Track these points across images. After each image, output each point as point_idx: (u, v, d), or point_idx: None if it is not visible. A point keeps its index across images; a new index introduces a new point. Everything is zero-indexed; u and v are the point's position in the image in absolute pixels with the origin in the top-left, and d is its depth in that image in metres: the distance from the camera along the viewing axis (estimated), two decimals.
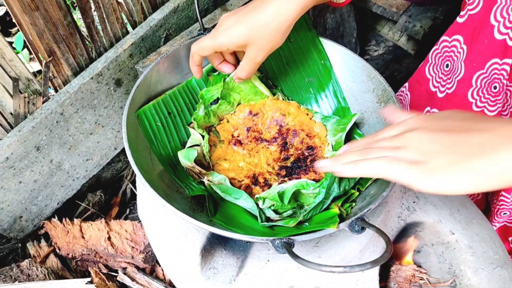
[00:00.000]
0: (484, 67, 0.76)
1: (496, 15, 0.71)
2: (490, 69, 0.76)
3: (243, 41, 0.63)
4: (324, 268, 0.46)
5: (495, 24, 0.72)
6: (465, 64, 0.79)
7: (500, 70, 0.74)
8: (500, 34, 0.72)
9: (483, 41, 0.75)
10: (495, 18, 0.72)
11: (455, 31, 0.81)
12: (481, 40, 0.75)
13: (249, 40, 0.63)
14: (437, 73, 0.87)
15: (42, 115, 0.82)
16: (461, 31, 0.79)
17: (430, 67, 0.89)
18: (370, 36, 1.55)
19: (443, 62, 0.86)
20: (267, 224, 0.62)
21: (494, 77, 0.76)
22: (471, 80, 0.79)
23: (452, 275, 0.73)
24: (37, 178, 0.87)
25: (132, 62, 0.91)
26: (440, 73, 0.86)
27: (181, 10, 0.96)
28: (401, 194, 0.74)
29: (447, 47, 0.83)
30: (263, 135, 0.75)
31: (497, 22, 0.71)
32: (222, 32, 0.64)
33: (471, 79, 0.79)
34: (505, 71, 0.73)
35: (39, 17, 0.75)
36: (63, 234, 0.89)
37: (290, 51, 0.79)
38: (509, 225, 0.84)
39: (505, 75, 0.73)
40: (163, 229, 0.71)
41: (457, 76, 0.81)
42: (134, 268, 0.87)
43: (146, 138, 0.68)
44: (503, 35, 0.72)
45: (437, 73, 0.87)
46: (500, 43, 0.72)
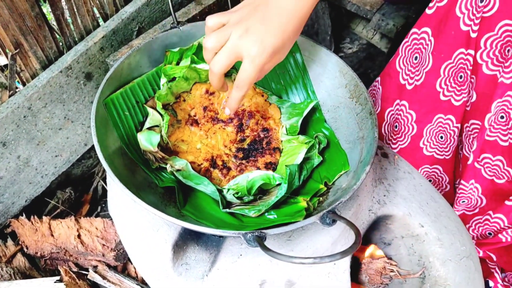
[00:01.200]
0: (451, 57, 0.79)
1: (462, 7, 0.74)
2: (456, 58, 0.78)
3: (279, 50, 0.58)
4: (294, 260, 0.46)
5: (461, 16, 0.75)
6: (433, 56, 0.81)
7: (465, 60, 0.77)
8: (465, 25, 0.75)
9: (450, 32, 0.77)
10: (460, 10, 0.74)
11: (424, 23, 0.83)
12: (448, 32, 0.77)
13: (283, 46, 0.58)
14: (406, 66, 0.89)
15: (8, 110, 0.79)
16: (429, 23, 0.82)
17: (400, 60, 0.91)
18: (345, 34, 1.56)
19: (412, 54, 0.88)
20: (228, 210, 0.63)
21: (460, 66, 0.78)
22: (439, 71, 0.81)
23: (421, 267, 0.75)
24: (3, 174, 0.84)
25: (103, 55, 0.89)
26: (410, 65, 0.88)
27: (154, 3, 0.94)
28: (372, 187, 0.76)
29: (416, 39, 0.86)
30: (219, 116, 0.75)
31: (462, 14, 0.74)
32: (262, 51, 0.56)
33: (439, 69, 0.81)
34: (468, 61, 0.76)
35: (3, 7, 0.72)
36: (31, 233, 0.87)
37: None
38: (467, 213, 0.87)
39: (468, 65, 0.76)
40: (134, 225, 0.70)
41: (425, 67, 0.83)
42: (105, 266, 0.85)
43: (115, 128, 0.67)
44: (467, 26, 0.74)
45: (407, 66, 0.89)
46: (465, 34, 0.75)
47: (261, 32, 0.55)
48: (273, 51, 0.57)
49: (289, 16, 0.57)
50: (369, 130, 0.68)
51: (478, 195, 0.82)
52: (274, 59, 0.59)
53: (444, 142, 0.87)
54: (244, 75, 0.58)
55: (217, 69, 0.58)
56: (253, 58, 0.56)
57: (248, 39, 0.55)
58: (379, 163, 0.81)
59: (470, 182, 0.82)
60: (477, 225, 0.87)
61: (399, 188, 0.77)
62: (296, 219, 0.56)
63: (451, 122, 0.84)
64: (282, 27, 0.56)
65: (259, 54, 0.56)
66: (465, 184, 0.82)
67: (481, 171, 0.80)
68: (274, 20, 0.56)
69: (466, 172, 0.81)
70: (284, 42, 0.57)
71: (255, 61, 0.56)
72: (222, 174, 0.69)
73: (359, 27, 1.55)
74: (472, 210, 0.86)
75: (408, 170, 0.81)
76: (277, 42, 0.56)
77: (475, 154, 0.78)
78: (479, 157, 0.78)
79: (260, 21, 0.56)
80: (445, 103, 0.83)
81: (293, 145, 0.71)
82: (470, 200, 0.84)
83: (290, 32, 0.57)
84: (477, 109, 0.77)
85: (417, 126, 0.89)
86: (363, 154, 0.67)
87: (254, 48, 0.55)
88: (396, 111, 0.93)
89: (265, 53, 0.56)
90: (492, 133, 0.75)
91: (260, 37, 0.55)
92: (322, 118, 0.77)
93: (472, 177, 0.81)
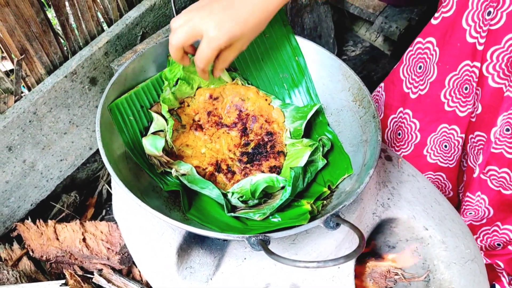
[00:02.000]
0: (456, 69, 0.79)
1: (468, 19, 0.73)
2: (462, 70, 0.78)
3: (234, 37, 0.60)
4: (299, 264, 0.46)
5: (467, 28, 0.74)
6: (437, 67, 0.81)
7: (471, 72, 0.76)
8: (472, 37, 0.74)
9: (455, 44, 0.77)
10: (466, 22, 0.74)
11: (429, 33, 0.83)
12: (453, 43, 0.77)
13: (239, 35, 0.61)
14: (410, 75, 0.89)
15: (14, 114, 0.80)
16: (434, 33, 0.81)
17: (404, 68, 0.91)
18: (348, 37, 1.57)
19: (416, 63, 0.88)
20: (233, 215, 0.63)
21: (465, 78, 0.78)
22: (444, 81, 0.81)
23: (426, 270, 0.75)
24: (9, 179, 0.84)
25: (108, 60, 0.90)
26: (413, 74, 0.88)
27: (157, 8, 0.95)
28: (376, 191, 0.76)
29: (420, 48, 0.85)
30: (223, 120, 0.76)
31: (469, 26, 0.74)
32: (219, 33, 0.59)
33: (444, 80, 0.81)
34: (474, 73, 0.76)
35: (9, 13, 0.73)
36: (37, 236, 0.87)
37: (265, 46, 0.80)
38: (474, 224, 0.87)
39: (474, 77, 0.76)
40: (139, 229, 0.70)
41: (430, 78, 0.83)
42: (110, 269, 0.86)
43: (120, 133, 0.67)
44: (474, 38, 0.74)
45: (410, 75, 0.89)
46: (471, 46, 0.75)
47: (223, 17, 0.58)
48: (230, 37, 0.59)
49: (254, 9, 0.59)
50: (372, 133, 0.68)
51: (485, 206, 0.82)
52: (234, 47, 0.62)
53: (448, 151, 0.87)
54: (200, 54, 0.61)
55: (174, 42, 0.61)
56: (210, 40, 0.59)
57: (208, 21, 0.58)
58: (383, 166, 0.81)
59: (476, 194, 0.81)
60: (485, 236, 0.86)
61: (403, 191, 0.77)
62: (301, 222, 0.56)
63: (455, 132, 0.84)
64: (244, 16, 0.59)
65: (216, 37, 0.59)
66: (471, 196, 0.82)
67: (487, 182, 0.80)
68: (238, 9, 0.59)
69: (472, 184, 0.81)
70: (243, 32, 0.60)
71: (211, 42, 0.59)
72: (227, 178, 0.69)
73: (362, 29, 1.55)
74: (480, 220, 0.86)
75: (412, 173, 0.81)
76: (236, 30, 0.59)
77: (480, 167, 0.78)
78: (485, 169, 0.78)
79: (224, 8, 0.59)
80: (449, 114, 0.83)
81: (297, 148, 0.71)
82: (477, 212, 0.84)
83: (252, 23, 0.60)
84: (483, 120, 0.77)
85: (421, 134, 0.89)
86: (366, 157, 0.67)
87: (213, 31, 0.58)
88: (399, 118, 0.93)
89: (222, 37, 0.59)
90: (498, 145, 0.75)
91: (220, 22, 0.58)
92: (325, 122, 0.77)
93: (478, 189, 0.81)
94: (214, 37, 0.59)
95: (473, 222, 0.87)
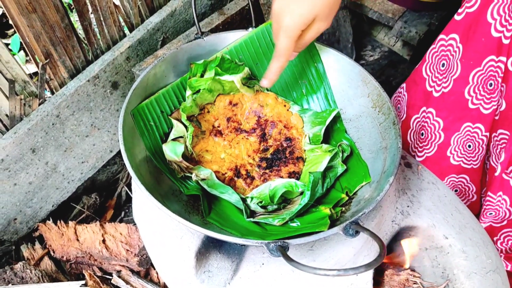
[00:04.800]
0: (481, 65, 0.77)
1: (493, 13, 0.72)
2: (486, 66, 0.77)
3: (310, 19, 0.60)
4: (319, 272, 0.46)
5: (492, 22, 0.73)
6: (461, 63, 0.80)
7: (496, 68, 0.75)
8: (497, 32, 0.73)
9: (480, 39, 0.75)
10: (492, 16, 0.73)
11: (452, 29, 0.81)
12: (478, 38, 0.76)
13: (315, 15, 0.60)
14: (433, 73, 0.88)
15: (38, 117, 0.82)
16: (457, 29, 0.80)
17: (427, 67, 0.90)
18: (366, 41, 1.56)
19: (439, 61, 0.86)
20: (252, 220, 0.64)
21: (490, 74, 0.76)
22: (468, 78, 0.80)
23: (445, 279, 0.74)
24: (32, 180, 0.86)
25: (129, 65, 0.92)
26: (436, 72, 0.87)
27: (178, 14, 0.96)
28: (396, 198, 0.75)
29: (443, 45, 0.84)
30: (242, 126, 0.76)
31: (494, 20, 0.73)
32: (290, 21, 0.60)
33: (468, 76, 0.80)
34: (499, 68, 0.74)
35: (36, 19, 0.75)
36: (58, 237, 0.89)
37: None
38: (494, 225, 0.85)
39: (499, 72, 0.74)
40: (158, 232, 0.71)
41: (454, 75, 0.82)
42: (129, 271, 0.87)
43: (142, 138, 0.69)
44: (499, 32, 0.73)
45: (433, 73, 0.88)
46: (496, 41, 0.73)
47: (291, 4, 0.59)
48: (303, 21, 0.59)
49: None
50: (392, 140, 0.68)
51: (506, 207, 0.80)
52: (314, 28, 0.62)
53: (472, 151, 0.85)
54: (280, 46, 0.62)
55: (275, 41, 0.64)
56: (285, 29, 0.60)
57: (281, 11, 0.60)
58: (402, 173, 0.80)
59: (498, 194, 0.80)
60: (506, 238, 0.85)
61: (423, 199, 0.76)
62: (320, 227, 0.56)
63: (479, 131, 0.82)
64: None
65: (291, 24, 0.59)
66: (492, 196, 0.80)
67: (510, 182, 0.78)
68: None
69: (494, 183, 0.79)
70: (316, 13, 0.59)
71: (287, 31, 0.60)
72: (246, 183, 0.69)
73: (380, 34, 1.54)
74: (500, 222, 0.84)
75: (432, 181, 0.80)
76: (307, 12, 0.59)
77: (502, 165, 0.76)
78: (507, 169, 0.77)
79: None
80: (473, 111, 0.82)
81: (317, 154, 0.71)
82: (498, 212, 0.82)
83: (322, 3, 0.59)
84: (506, 118, 0.75)
85: (445, 134, 0.87)
86: (386, 164, 0.67)
87: (285, 20, 0.59)
88: (422, 118, 0.91)
89: (296, 22, 0.59)
90: None
91: (290, 9, 0.59)
92: (342, 129, 0.77)
93: (499, 189, 0.79)
94: (288, 26, 0.60)
95: (494, 224, 0.85)
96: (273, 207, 0.66)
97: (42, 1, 0.74)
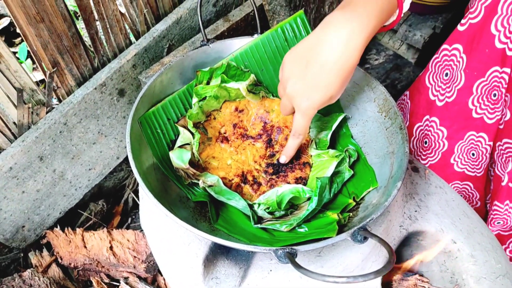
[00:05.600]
0: (485, 75, 0.77)
1: (497, 24, 0.72)
2: (490, 76, 0.77)
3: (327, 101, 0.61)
4: (328, 279, 0.46)
5: (496, 34, 0.73)
6: (465, 73, 0.80)
7: (500, 78, 0.75)
8: (501, 43, 0.73)
9: (484, 50, 0.75)
10: (496, 27, 0.73)
11: (455, 40, 0.82)
12: (481, 49, 0.76)
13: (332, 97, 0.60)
14: (436, 82, 0.88)
15: (45, 125, 0.82)
16: (461, 40, 0.80)
17: (430, 76, 0.90)
18: (371, 45, 1.56)
19: (442, 71, 0.86)
20: (260, 226, 0.64)
21: (494, 84, 0.76)
22: (471, 88, 0.80)
23: (454, 284, 0.73)
24: (40, 187, 0.87)
25: (135, 72, 0.92)
26: (440, 81, 0.87)
27: (184, 21, 0.97)
28: (403, 203, 0.74)
29: (447, 55, 0.84)
30: (249, 132, 0.76)
31: (498, 32, 0.72)
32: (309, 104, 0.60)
33: (472, 87, 0.80)
34: (503, 79, 0.74)
35: (44, 28, 0.76)
36: (65, 244, 0.90)
37: None
38: (503, 233, 0.85)
39: (503, 83, 0.74)
40: (165, 238, 0.71)
41: (457, 85, 0.82)
42: (136, 277, 0.87)
43: (149, 145, 0.69)
44: (503, 44, 0.72)
45: (437, 82, 0.88)
46: (500, 52, 0.73)
47: (307, 89, 0.59)
48: (320, 103, 0.60)
49: (333, 72, 0.57)
50: (399, 145, 0.68)
51: None
52: (327, 103, 0.62)
53: (476, 159, 0.85)
54: (298, 125, 0.63)
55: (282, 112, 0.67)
56: (303, 112, 0.61)
57: (297, 95, 0.60)
58: (410, 177, 0.79)
59: (505, 203, 0.79)
60: None
61: (431, 204, 0.76)
62: (328, 232, 0.56)
63: (483, 140, 0.82)
64: (327, 83, 0.58)
65: (308, 108, 0.60)
66: (499, 205, 0.80)
67: None
68: (319, 77, 0.58)
69: (501, 193, 0.79)
70: (331, 95, 0.59)
71: (305, 114, 0.61)
72: (253, 189, 0.69)
73: (385, 38, 1.54)
74: (508, 230, 0.83)
75: (440, 185, 0.79)
76: (323, 97, 0.59)
77: (510, 175, 0.76)
78: None
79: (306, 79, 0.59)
80: (477, 121, 0.82)
81: (323, 159, 0.71)
82: (506, 221, 0.81)
83: (336, 86, 0.58)
84: (511, 128, 0.75)
85: (448, 142, 0.87)
86: (393, 169, 0.67)
87: (303, 104, 0.60)
88: (425, 127, 0.91)
89: (313, 107, 0.60)
90: None
91: (307, 94, 0.59)
92: (349, 134, 0.77)
93: (506, 198, 0.79)
94: (306, 109, 0.61)
95: (502, 232, 0.85)
96: (281, 213, 0.66)
97: (49, 10, 0.75)
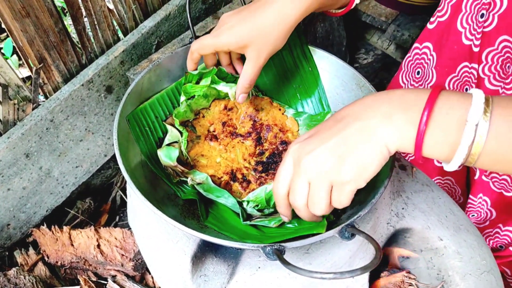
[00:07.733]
0: (455, 71, 0.79)
1: (463, 22, 0.74)
2: (461, 72, 0.78)
3: (245, 41, 0.63)
4: (315, 275, 0.46)
5: (462, 31, 0.75)
6: (436, 70, 0.81)
7: (470, 73, 0.76)
8: (467, 39, 0.75)
9: (452, 47, 0.77)
10: (461, 25, 0.75)
11: (425, 38, 0.83)
12: (450, 46, 0.77)
13: (251, 41, 0.63)
14: (409, 81, 0.89)
15: (31, 122, 0.81)
16: (431, 38, 0.82)
17: (403, 75, 0.91)
18: (360, 45, 1.57)
19: (414, 69, 0.88)
20: (249, 223, 0.64)
21: (465, 79, 0.78)
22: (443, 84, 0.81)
23: (440, 281, 0.74)
24: (26, 185, 0.86)
25: (123, 69, 0.91)
26: (412, 80, 0.89)
27: (172, 18, 0.96)
28: (390, 200, 0.75)
29: (418, 54, 0.86)
30: (238, 130, 0.76)
31: (464, 29, 0.75)
32: (225, 31, 0.64)
33: (444, 83, 0.81)
34: (473, 74, 0.76)
35: (30, 24, 0.74)
36: (52, 242, 0.89)
37: (279, 57, 0.80)
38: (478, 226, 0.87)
39: (473, 78, 0.76)
40: (153, 236, 0.70)
41: (430, 82, 0.83)
42: (124, 276, 0.86)
43: (137, 143, 0.68)
44: (469, 40, 0.74)
45: (409, 81, 0.89)
46: (467, 48, 0.75)
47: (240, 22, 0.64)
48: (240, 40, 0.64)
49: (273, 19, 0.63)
50: None
51: (487, 207, 0.82)
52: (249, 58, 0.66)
53: None
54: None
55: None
56: None
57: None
58: (397, 175, 0.80)
59: (478, 196, 0.81)
60: (488, 238, 0.86)
61: (418, 201, 0.77)
62: (317, 228, 0.56)
63: None
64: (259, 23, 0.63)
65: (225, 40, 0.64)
66: (473, 198, 0.81)
67: (489, 184, 0.79)
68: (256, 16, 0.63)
69: (474, 186, 0.80)
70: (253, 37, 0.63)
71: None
72: (242, 187, 0.69)
73: (374, 37, 1.55)
74: (483, 223, 0.85)
75: (427, 183, 0.80)
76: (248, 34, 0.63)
77: (481, 169, 0.77)
78: (486, 171, 0.78)
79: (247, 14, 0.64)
80: None
81: None
82: (480, 214, 0.83)
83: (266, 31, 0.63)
84: None
85: None
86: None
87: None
88: None
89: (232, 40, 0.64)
90: None
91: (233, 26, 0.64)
92: None
93: (480, 191, 0.80)
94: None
95: (476, 225, 0.87)
96: (270, 211, 0.66)
97: (35, 5, 0.74)
